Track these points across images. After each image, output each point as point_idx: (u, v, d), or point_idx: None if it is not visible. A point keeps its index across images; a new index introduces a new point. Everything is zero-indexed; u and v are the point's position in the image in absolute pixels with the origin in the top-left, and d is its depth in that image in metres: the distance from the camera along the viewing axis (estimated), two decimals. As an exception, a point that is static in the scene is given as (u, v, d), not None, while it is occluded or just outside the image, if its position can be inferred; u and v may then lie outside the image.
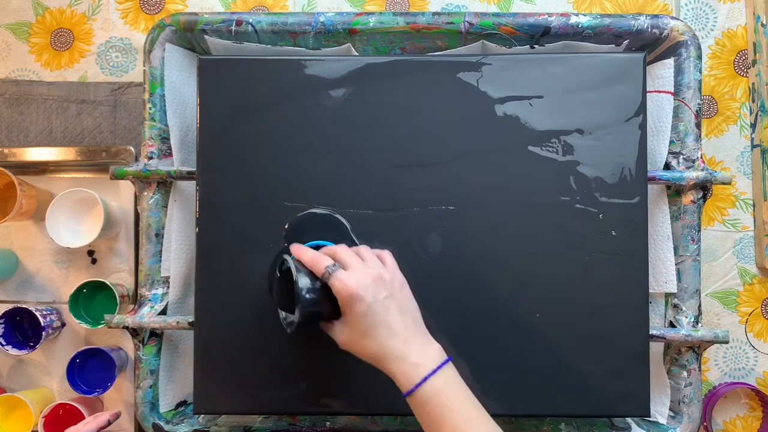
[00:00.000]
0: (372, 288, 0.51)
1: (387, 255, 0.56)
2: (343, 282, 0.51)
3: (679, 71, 0.70)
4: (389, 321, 0.51)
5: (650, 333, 0.66)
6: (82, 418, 0.73)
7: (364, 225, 0.66)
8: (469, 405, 0.50)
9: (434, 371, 0.50)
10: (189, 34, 0.71)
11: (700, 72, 0.69)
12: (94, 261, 0.81)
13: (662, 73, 0.71)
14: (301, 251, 0.55)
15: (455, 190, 0.66)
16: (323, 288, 0.53)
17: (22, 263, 0.81)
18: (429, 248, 0.66)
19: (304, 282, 0.52)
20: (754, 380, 0.80)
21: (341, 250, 0.55)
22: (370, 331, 0.51)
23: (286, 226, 0.66)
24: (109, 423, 0.63)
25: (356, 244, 0.64)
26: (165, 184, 0.71)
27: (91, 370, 0.77)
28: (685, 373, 0.68)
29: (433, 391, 0.49)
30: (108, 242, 0.80)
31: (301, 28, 0.70)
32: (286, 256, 0.55)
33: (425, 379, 0.49)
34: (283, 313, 0.58)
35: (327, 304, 0.53)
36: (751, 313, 0.80)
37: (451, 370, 0.51)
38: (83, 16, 0.84)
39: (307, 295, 0.52)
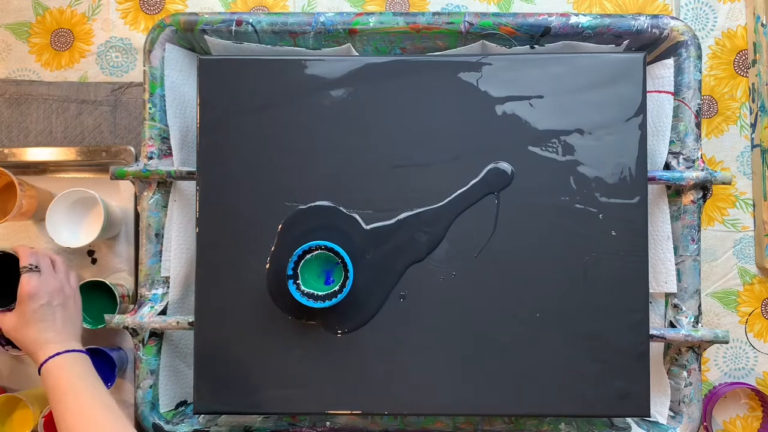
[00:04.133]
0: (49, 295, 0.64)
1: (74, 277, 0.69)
2: (29, 283, 0.63)
3: (679, 71, 0.70)
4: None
5: (650, 333, 0.66)
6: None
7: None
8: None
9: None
10: (189, 34, 0.71)
11: (700, 72, 0.69)
12: (94, 261, 0.81)
13: (662, 73, 0.71)
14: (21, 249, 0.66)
15: (455, 190, 0.66)
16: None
17: (22, 263, 0.81)
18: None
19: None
20: (754, 380, 0.80)
21: (42, 257, 0.66)
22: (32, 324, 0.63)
23: (281, 223, 0.67)
24: None
25: (366, 247, 0.66)
26: (165, 184, 0.71)
27: (91, 370, 0.77)
28: (685, 373, 0.68)
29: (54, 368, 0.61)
30: (108, 242, 0.80)
31: (301, 28, 0.70)
32: None
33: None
34: None
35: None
36: (751, 313, 0.80)
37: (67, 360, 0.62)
38: (83, 16, 0.84)
39: None
